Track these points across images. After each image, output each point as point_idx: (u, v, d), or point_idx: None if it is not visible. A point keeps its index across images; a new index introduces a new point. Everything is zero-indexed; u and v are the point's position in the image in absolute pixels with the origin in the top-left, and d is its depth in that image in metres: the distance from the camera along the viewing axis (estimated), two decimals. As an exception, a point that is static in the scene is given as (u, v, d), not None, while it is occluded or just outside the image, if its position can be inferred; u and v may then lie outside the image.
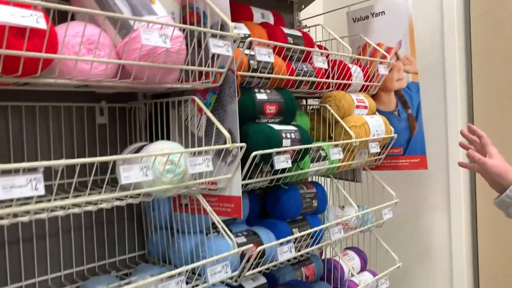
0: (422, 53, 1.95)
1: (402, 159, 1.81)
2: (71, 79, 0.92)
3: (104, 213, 1.29)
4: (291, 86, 1.42)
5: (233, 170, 1.14)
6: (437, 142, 1.99)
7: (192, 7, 1.20)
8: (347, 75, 1.62)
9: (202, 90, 1.22)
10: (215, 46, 1.05)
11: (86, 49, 0.94)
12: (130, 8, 0.98)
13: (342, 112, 1.57)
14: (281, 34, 1.41)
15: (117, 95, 1.29)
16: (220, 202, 1.19)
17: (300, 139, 1.29)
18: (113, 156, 0.85)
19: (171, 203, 1.29)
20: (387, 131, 1.69)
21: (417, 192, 2.09)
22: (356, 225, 1.66)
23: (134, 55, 0.95)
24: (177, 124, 1.27)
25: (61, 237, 1.20)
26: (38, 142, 1.15)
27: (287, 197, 1.43)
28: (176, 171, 1.00)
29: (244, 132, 1.19)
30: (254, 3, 1.69)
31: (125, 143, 1.33)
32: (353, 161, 1.62)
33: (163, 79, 1.06)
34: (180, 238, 1.27)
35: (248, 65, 1.23)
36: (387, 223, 1.76)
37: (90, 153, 1.25)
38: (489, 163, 1.21)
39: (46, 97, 1.16)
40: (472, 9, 1.94)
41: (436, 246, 2.05)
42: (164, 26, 0.96)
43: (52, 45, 0.84)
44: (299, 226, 1.47)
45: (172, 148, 1.02)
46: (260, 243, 1.30)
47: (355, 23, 1.87)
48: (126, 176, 0.86)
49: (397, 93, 1.80)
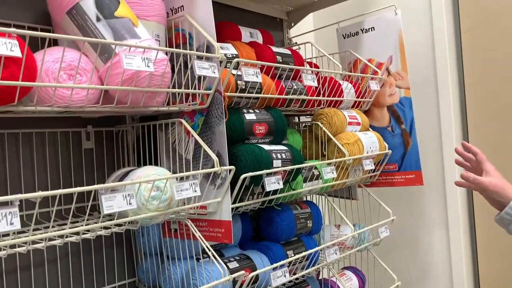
0: (413, 68, 1.95)
1: (397, 176, 1.78)
2: (51, 106, 0.89)
3: (91, 240, 1.25)
4: (281, 105, 1.40)
5: (222, 193, 1.11)
6: (433, 157, 1.97)
7: (178, 29, 1.19)
8: (338, 91, 1.60)
9: (190, 112, 1.20)
10: (201, 68, 1.03)
11: (67, 74, 0.91)
12: (112, 33, 0.96)
13: (335, 129, 1.55)
14: (270, 53, 1.40)
15: (103, 119, 1.27)
16: (210, 227, 1.16)
17: (292, 159, 1.27)
18: (94, 186, 0.82)
19: (160, 228, 1.26)
20: (381, 147, 1.67)
21: (414, 208, 2.05)
22: (353, 244, 1.62)
23: (116, 79, 0.93)
24: (164, 147, 1.24)
25: (46, 267, 1.16)
26: (21, 169, 1.12)
27: (280, 218, 1.40)
28: (162, 197, 0.97)
29: (233, 153, 1.16)
30: (243, 22, 1.68)
31: (113, 167, 1.30)
32: (347, 179, 1.59)
33: (148, 103, 1.03)
34: (170, 265, 1.23)
35: (235, 86, 1.21)
36: (384, 241, 1.73)
37: (76, 179, 1.22)
38: (485, 182, 1.18)
39: (29, 123, 1.13)
40: (462, 24, 1.93)
41: (436, 263, 2.01)
42: (147, 50, 0.94)
43: (30, 72, 0.82)
44: (294, 248, 1.43)
45: (159, 173, 0.99)
46: (253, 268, 1.26)
47: (345, 40, 1.86)
48: (109, 206, 0.83)
49: (390, 109, 1.78)
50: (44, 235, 0.83)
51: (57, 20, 1.00)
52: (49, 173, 1.17)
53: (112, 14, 0.96)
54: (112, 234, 1.29)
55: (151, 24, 1.10)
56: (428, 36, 1.95)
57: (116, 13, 0.97)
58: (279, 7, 1.88)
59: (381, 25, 1.76)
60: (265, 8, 1.84)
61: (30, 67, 0.81)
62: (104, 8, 0.96)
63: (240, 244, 1.43)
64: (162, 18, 1.13)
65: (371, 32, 1.78)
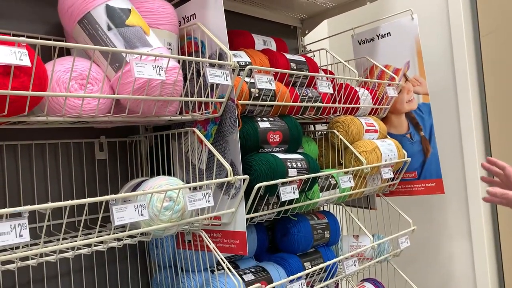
0: (431, 73, 1.90)
1: (417, 184, 1.73)
2: (62, 116, 0.88)
3: (105, 253, 1.23)
4: (295, 113, 1.37)
5: (236, 203, 1.09)
6: (453, 164, 1.90)
7: (190, 37, 1.18)
8: (354, 98, 1.56)
9: (203, 121, 1.18)
10: (213, 76, 1.01)
11: (78, 84, 0.90)
12: (124, 42, 0.95)
13: (351, 137, 1.51)
14: (283, 60, 1.37)
15: (116, 129, 1.26)
16: (225, 238, 1.13)
17: (307, 167, 1.23)
18: (105, 197, 0.80)
19: (174, 240, 1.23)
20: (400, 155, 1.62)
21: (435, 218, 1.99)
22: (372, 255, 1.57)
23: (128, 88, 0.92)
24: (178, 157, 1.22)
25: (60, 281, 1.14)
26: (35, 181, 1.11)
27: (296, 229, 1.36)
28: (175, 208, 0.94)
29: (247, 163, 1.14)
30: (256, 30, 1.67)
31: (127, 178, 1.29)
32: (365, 188, 1.55)
33: (160, 112, 1.02)
34: (184, 277, 1.20)
35: (249, 94, 1.19)
36: (404, 252, 1.67)
37: (89, 191, 1.21)
38: None
39: (42, 134, 1.13)
40: (481, 28, 1.88)
41: (459, 275, 1.93)
42: (158, 58, 0.93)
43: (41, 82, 0.81)
44: (311, 260, 1.39)
45: (171, 183, 0.97)
46: (270, 281, 1.22)
47: (361, 46, 1.83)
48: (120, 217, 0.81)
49: (408, 115, 1.74)
50: (55, 247, 0.81)
51: (68, 30, 0.99)
52: (62, 184, 1.16)
53: (123, 23, 0.96)
54: (126, 246, 1.28)
55: (163, 33, 1.09)
56: (446, 41, 1.91)
57: (128, 22, 0.96)
58: (293, 14, 1.86)
59: (397, 30, 1.72)
60: (279, 16, 1.82)
61: (40, 77, 0.80)
62: (115, 17, 0.95)
63: (256, 255, 1.40)
64: (174, 27, 1.12)
65: (387, 38, 1.75)
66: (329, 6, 1.80)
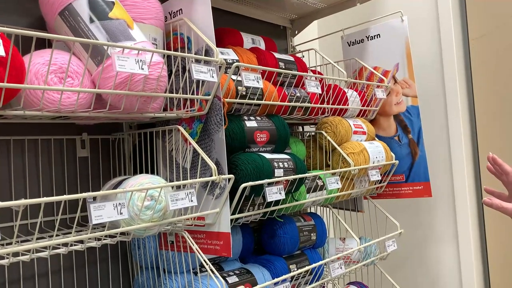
0: (421, 76, 1.89)
1: (404, 187, 1.72)
2: (40, 110, 0.85)
3: (85, 253, 1.20)
4: (283, 113, 1.35)
5: (221, 204, 1.06)
6: (441, 167, 1.90)
7: (176, 33, 1.15)
8: (343, 99, 1.55)
9: (188, 119, 1.16)
10: (198, 72, 0.98)
11: (58, 78, 0.87)
12: (106, 35, 0.92)
13: (339, 138, 1.50)
14: (272, 59, 1.35)
15: (99, 126, 1.23)
16: (208, 239, 1.10)
17: (294, 168, 1.21)
18: (83, 194, 0.77)
19: (157, 240, 1.20)
20: (388, 157, 1.61)
21: (422, 221, 1.98)
22: (359, 258, 1.56)
23: (109, 83, 0.89)
24: (162, 156, 1.19)
25: (37, 282, 1.10)
26: (12, 179, 1.07)
27: (282, 231, 1.34)
28: (157, 207, 0.91)
29: (232, 162, 1.11)
30: (245, 29, 1.64)
31: (109, 176, 1.25)
32: (352, 190, 1.53)
33: (143, 108, 0.99)
34: (167, 279, 1.17)
35: (236, 92, 1.16)
36: (391, 255, 1.66)
37: (70, 189, 1.17)
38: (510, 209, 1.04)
39: (22, 130, 1.09)
40: (470, 31, 1.89)
41: (445, 279, 1.93)
42: (141, 52, 0.90)
43: (17, 73, 0.78)
44: (297, 262, 1.37)
45: (153, 182, 0.94)
46: (254, 283, 1.20)
47: (350, 47, 1.82)
48: (98, 215, 0.78)
49: (397, 118, 1.73)
50: (30, 245, 0.78)
51: (49, 23, 0.96)
52: (42, 182, 1.12)
53: (106, 16, 0.93)
54: (107, 247, 1.24)
55: (148, 28, 1.06)
56: (436, 44, 1.91)
57: (111, 15, 0.93)
58: (283, 14, 1.85)
59: (387, 32, 1.71)
60: (269, 15, 1.80)
61: (17, 68, 0.77)
62: (98, 9, 0.92)
63: (241, 257, 1.37)
64: (159, 22, 1.09)
65: (377, 39, 1.74)
66: (319, 6, 1.78)
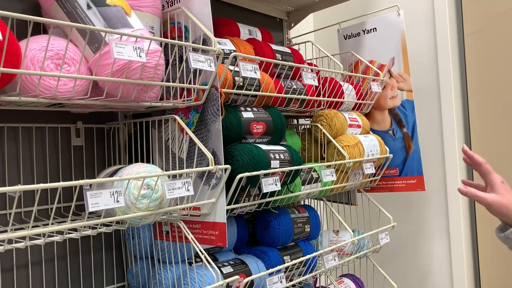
0: (416, 70, 1.90)
1: (398, 180, 1.73)
2: (36, 96, 0.84)
3: (79, 242, 1.19)
4: (279, 105, 1.35)
5: (217, 194, 1.06)
6: (434, 162, 1.92)
7: (174, 22, 1.14)
8: (338, 92, 1.55)
9: (185, 108, 1.15)
10: (196, 61, 0.98)
11: (54, 64, 0.86)
12: (104, 22, 0.91)
13: (335, 131, 1.50)
14: (269, 50, 1.35)
15: (94, 115, 1.22)
16: (204, 229, 1.10)
17: (290, 160, 1.21)
18: (79, 181, 0.76)
19: (152, 230, 1.20)
20: (382, 151, 1.62)
21: (415, 214, 2.00)
22: (352, 251, 1.57)
23: (106, 70, 0.88)
24: (157, 145, 1.19)
25: (30, 270, 1.09)
26: (6, 166, 1.06)
27: (277, 222, 1.34)
28: (153, 196, 0.91)
29: (229, 153, 1.11)
30: (241, 21, 1.64)
31: (104, 166, 1.25)
32: (347, 183, 1.54)
33: (140, 97, 0.98)
34: (161, 269, 1.17)
35: (233, 82, 1.16)
36: (384, 248, 1.67)
37: (64, 178, 1.16)
38: (487, 200, 1.04)
39: (16, 117, 1.08)
40: (465, 27, 1.90)
41: (437, 272, 1.95)
42: (139, 40, 0.89)
43: (13, 59, 0.77)
44: (291, 254, 1.38)
45: (149, 171, 0.94)
46: (248, 273, 1.20)
47: (346, 40, 1.82)
48: (95, 203, 0.78)
49: (392, 112, 1.74)
50: (25, 232, 0.77)
51: (46, 8, 0.95)
52: (36, 170, 1.11)
53: (104, 2, 0.92)
54: (101, 236, 1.24)
55: (145, 15, 1.05)
56: (431, 39, 1.91)
57: (108, 1, 0.92)
58: (279, 7, 1.84)
59: (383, 26, 1.71)
60: (265, 7, 1.80)
61: (13, 53, 0.76)
62: (96, -4, 0.91)
63: (235, 248, 1.38)
64: (157, 10, 1.08)
65: (373, 33, 1.74)
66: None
